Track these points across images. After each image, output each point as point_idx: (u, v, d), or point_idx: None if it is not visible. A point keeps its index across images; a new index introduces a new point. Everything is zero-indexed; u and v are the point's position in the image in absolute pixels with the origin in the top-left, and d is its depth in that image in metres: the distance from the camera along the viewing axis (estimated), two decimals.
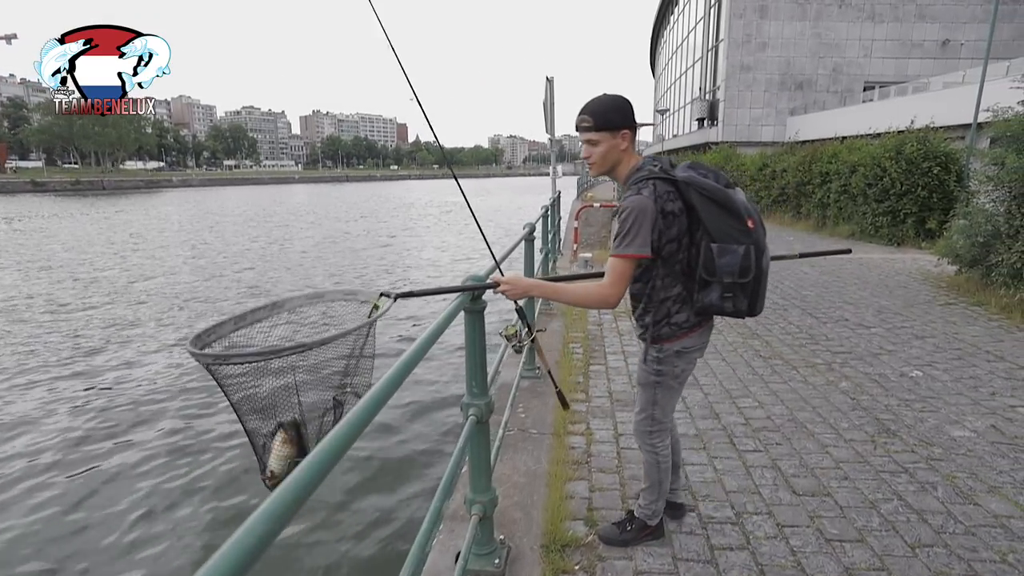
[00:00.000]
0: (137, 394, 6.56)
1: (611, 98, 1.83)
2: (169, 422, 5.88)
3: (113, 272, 14.11)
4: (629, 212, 1.73)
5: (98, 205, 38.96)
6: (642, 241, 1.72)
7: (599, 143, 1.83)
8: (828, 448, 2.95)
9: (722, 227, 1.73)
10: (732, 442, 3.04)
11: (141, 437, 5.57)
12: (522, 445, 3.08)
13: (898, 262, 9.09)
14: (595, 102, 1.82)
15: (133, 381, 6.96)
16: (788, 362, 4.33)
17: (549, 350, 4.72)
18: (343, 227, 25.58)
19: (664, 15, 43.19)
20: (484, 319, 1.94)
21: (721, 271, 1.72)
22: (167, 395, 6.52)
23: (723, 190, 1.75)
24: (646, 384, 2.05)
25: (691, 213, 1.77)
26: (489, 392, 2.02)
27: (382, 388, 1.05)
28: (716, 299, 1.77)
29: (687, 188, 1.76)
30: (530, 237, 3.82)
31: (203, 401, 6.29)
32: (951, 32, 27.19)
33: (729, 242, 1.73)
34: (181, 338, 8.55)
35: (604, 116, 1.80)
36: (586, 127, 1.82)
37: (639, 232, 1.72)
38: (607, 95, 1.84)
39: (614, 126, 1.81)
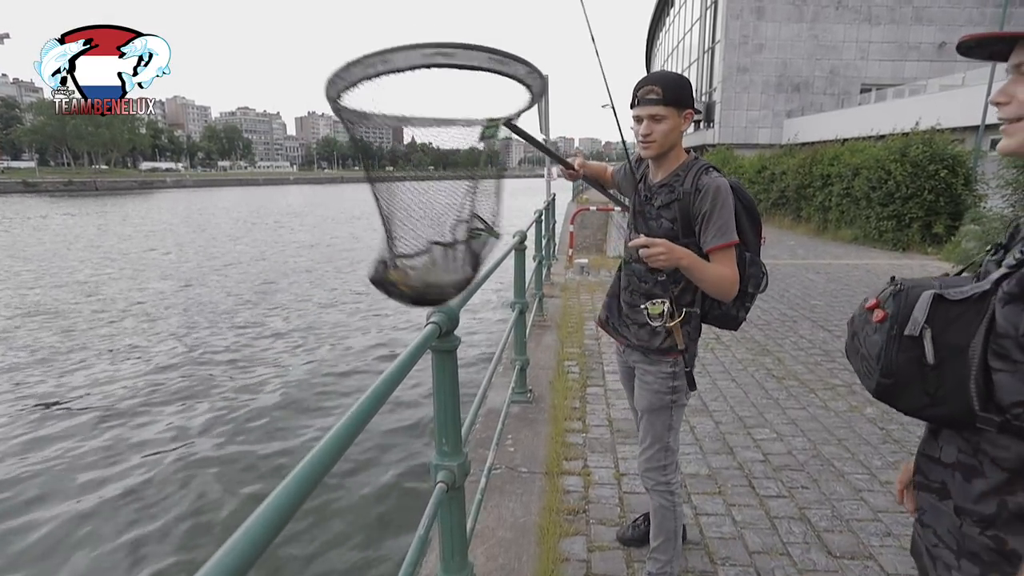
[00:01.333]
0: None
1: (677, 74, 1.63)
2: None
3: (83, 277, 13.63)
4: (721, 194, 1.58)
5: (87, 206, 38.34)
6: (733, 226, 1.61)
7: (664, 119, 1.58)
8: (862, 493, 2.56)
9: (751, 238, 1.72)
10: (751, 484, 2.65)
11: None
12: (510, 488, 2.68)
13: (906, 268, 8.74)
14: (662, 74, 1.60)
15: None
16: (804, 383, 3.95)
17: (542, 367, 4.33)
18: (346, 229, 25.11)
19: (660, 16, 42.95)
20: (456, 361, 1.54)
21: (748, 281, 1.68)
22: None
23: (753, 201, 1.75)
24: (659, 409, 1.77)
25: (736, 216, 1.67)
26: (464, 449, 1.62)
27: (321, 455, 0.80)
28: (730, 308, 1.73)
29: (734, 191, 1.67)
30: (520, 247, 3.42)
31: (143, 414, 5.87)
32: (947, 34, 27.02)
33: (754, 252, 1.72)
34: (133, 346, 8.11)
35: (675, 90, 1.57)
36: (653, 99, 1.57)
37: (731, 215, 1.60)
38: (676, 74, 1.63)
39: (683, 104, 1.59)
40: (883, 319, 0.87)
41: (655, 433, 1.80)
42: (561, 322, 5.55)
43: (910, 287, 0.86)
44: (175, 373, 7.16)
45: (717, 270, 1.59)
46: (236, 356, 7.87)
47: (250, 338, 8.67)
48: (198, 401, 6.35)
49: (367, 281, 1.04)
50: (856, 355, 0.96)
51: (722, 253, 1.60)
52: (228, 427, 5.70)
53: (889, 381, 0.86)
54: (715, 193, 1.57)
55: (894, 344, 0.84)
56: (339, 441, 0.86)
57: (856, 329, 0.96)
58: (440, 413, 1.54)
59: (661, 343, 1.72)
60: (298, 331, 9.07)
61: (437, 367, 1.52)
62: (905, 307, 0.84)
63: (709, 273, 1.58)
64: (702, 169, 1.63)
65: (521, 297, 3.46)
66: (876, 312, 0.88)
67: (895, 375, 0.85)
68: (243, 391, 6.64)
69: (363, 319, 9.83)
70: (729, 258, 1.60)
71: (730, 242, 1.59)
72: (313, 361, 7.73)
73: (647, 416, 1.80)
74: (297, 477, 0.73)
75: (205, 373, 7.21)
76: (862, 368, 0.94)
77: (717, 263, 1.60)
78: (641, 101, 1.58)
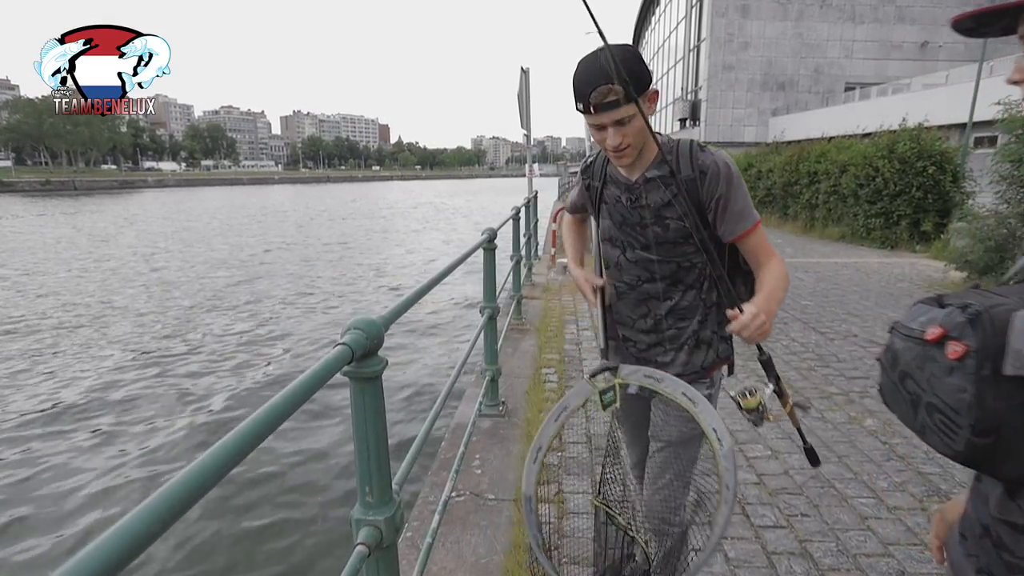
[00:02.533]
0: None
1: (629, 48, 1.21)
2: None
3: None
4: (731, 170, 1.31)
5: (62, 207, 37.34)
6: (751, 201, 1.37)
7: (634, 117, 1.21)
8: (869, 521, 2.28)
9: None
10: (745, 512, 2.35)
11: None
12: (473, 519, 2.36)
13: (896, 267, 8.56)
14: (621, 54, 1.15)
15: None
16: (799, 392, 3.67)
17: (518, 376, 4.02)
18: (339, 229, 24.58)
19: (646, 15, 42.88)
20: (380, 389, 1.22)
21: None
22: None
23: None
24: (691, 439, 1.45)
25: None
26: (397, 497, 1.30)
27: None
28: (744, 293, 1.42)
29: None
30: (489, 246, 3.10)
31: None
32: (929, 34, 27.22)
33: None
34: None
35: (636, 78, 1.17)
36: (615, 102, 1.18)
37: (746, 190, 1.35)
38: (621, 47, 1.19)
39: (646, 83, 1.23)
40: (963, 355, 0.60)
41: (678, 468, 1.48)
42: (541, 325, 5.24)
43: (990, 308, 0.60)
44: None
45: (774, 273, 1.33)
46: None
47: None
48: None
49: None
50: (913, 406, 0.68)
51: (752, 238, 1.34)
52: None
53: (987, 440, 0.59)
54: (724, 171, 1.29)
55: (989, 389, 0.58)
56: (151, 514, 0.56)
57: (907, 369, 0.69)
58: (361, 454, 1.22)
59: (704, 359, 1.45)
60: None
61: (355, 397, 1.19)
62: (994, 336, 0.58)
63: (779, 283, 1.32)
64: (693, 147, 1.34)
65: (491, 301, 3.14)
66: (950, 346, 0.61)
67: (996, 431, 0.58)
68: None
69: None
70: (763, 240, 1.35)
71: (757, 222, 1.34)
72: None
73: (673, 449, 1.47)
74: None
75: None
76: (933, 423, 0.65)
77: (754, 252, 1.36)
78: (599, 107, 1.19)
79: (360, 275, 13.43)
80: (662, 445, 1.48)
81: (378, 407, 1.21)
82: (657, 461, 1.50)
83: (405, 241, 20.03)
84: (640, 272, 1.41)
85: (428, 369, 6.77)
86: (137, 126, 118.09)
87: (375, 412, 1.21)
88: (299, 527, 3.84)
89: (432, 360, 7.11)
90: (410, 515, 2.39)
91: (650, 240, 1.36)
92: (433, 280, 1.79)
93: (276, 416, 0.84)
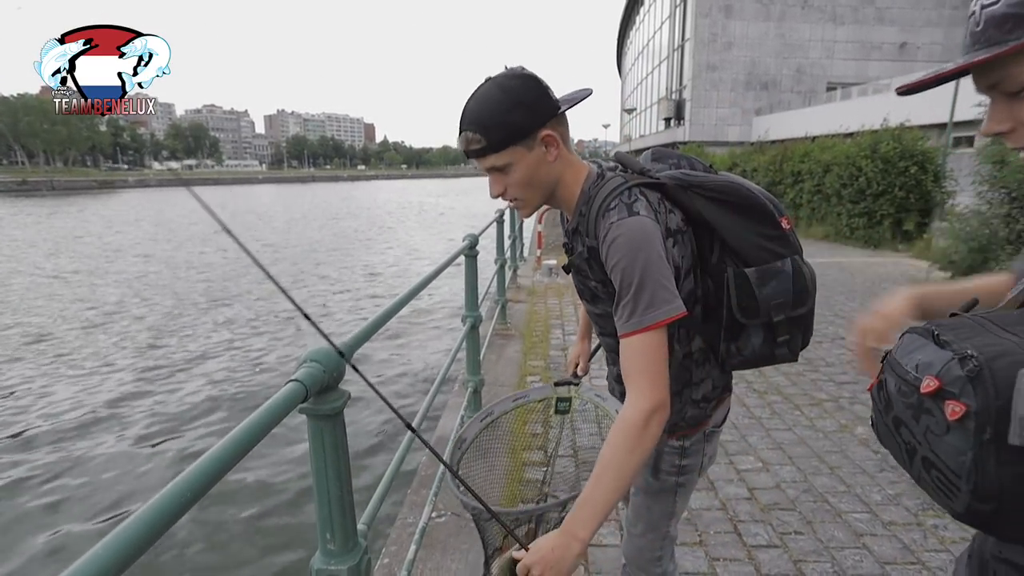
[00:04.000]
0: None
1: (504, 84, 0.99)
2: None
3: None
4: (630, 249, 0.96)
5: (40, 207, 36.46)
6: (668, 291, 0.97)
7: (511, 165, 1.01)
8: (864, 538, 2.21)
9: (750, 239, 1.07)
10: (737, 530, 2.27)
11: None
12: (454, 542, 2.24)
13: (879, 266, 8.60)
14: (481, 100, 0.99)
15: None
16: (788, 398, 3.61)
17: (502, 385, 3.91)
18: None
19: (630, 15, 43.00)
20: (343, 426, 1.10)
21: (767, 306, 1.06)
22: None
23: (736, 184, 1.09)
24: (660, 492, 1.28)
25: (698, 227, 1.09)
26: (363, 542, 1.19)
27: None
28: (761, 346, 1.11)
29: (684, 192, 1.08)
30: (471, 252, 2.99)
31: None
32: (908, 35, 27.62)
33: (767, 259, 1.07)
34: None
35: (503, 123, 0.98)
36: (478, 150, 1.00)
37: (658, 276, 0.96)
38: (492, 85, 0.99)
39: (523, 131, 0.99)
40: (961, 416, 0.54)
41: (650, 520, 1.31)
42: (526, 330, 5.13)
43: (991, 361, 0.53)
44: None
45: (618, 463, 0.93)
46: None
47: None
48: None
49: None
50: (909, 455, 0.62)
51: (631, 345, 0.97)
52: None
53: (988, 507, 0.54)
54: (614, 252, 0.98)
55: (990, 456, 0.53)
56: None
57: (902, 416, 0.63)
58: (321, 497, 1.10)
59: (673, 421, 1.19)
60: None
61: (313, 436, 1.07)
62: (996, 398, 0.52)
63: (616, 484, 0.92)
64: (603, 206, 1.01)
65: (473, 310, 3.02)
66: (948, 405, 0.55)
67: (998, 499, 0.53)
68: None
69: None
70: (641, 355, 0.96)
71: (647, 327, 0.95)
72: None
73: (643, 497, 1.31)
74: None
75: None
76: (930, 479, 0.59)
77: (624, 368, 0.99)
78: (468, 155, 1.03)
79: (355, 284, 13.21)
80: (634, 490, 1.35)
81: (339, 446, 1.09)
82: (633, 506, 1.36)
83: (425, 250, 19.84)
84: (596, 324, 1.23)
85: (405, 381, 6.54)
86: (117, 125, 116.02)
87: (335, 451, 1.09)
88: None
89: (407, 368, 6.90)
90: (387, 540, 2.28)
91: (589, 294, 1.17)
92: (404, 297, 1.67)
93: (216, 469, 0.73)
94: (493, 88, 0.99)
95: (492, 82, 1.00)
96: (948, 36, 27.15)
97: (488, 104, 0.98)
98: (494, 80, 1.00)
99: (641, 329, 0.96)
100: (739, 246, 1.06)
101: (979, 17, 0.60)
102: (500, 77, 1.00)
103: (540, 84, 1.00)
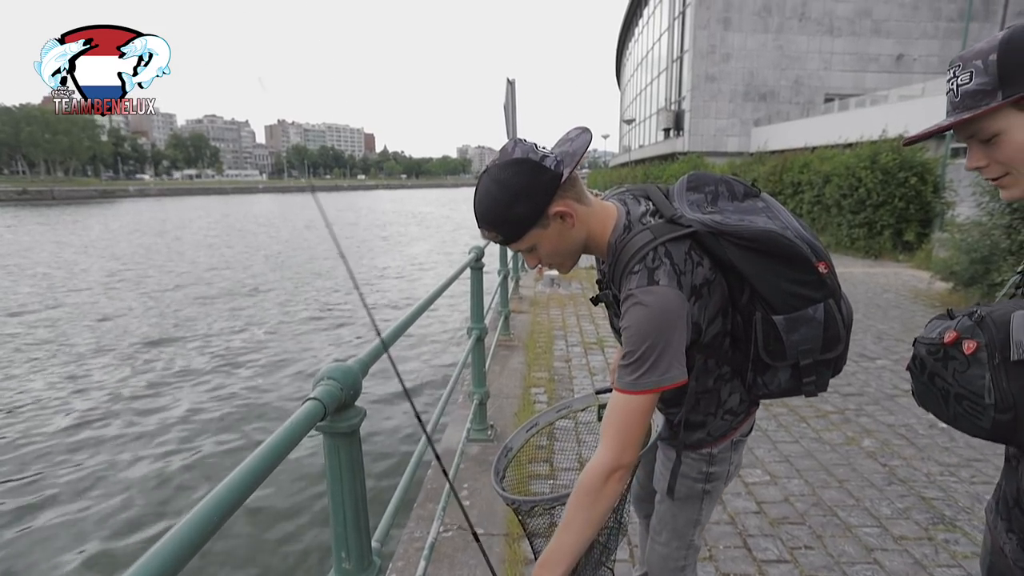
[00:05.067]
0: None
1: (500, 178, 1.01)
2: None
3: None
4: (642, 321, 0.98)
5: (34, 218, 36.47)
6: (673, 364, 0.98)
7: (537, 244, 1.07)
8: (875, 553, 2.19)
9: (781, 287, 1.05)
10: (746, 544, 2.25)
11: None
12: (461, 558, 2.23)
13: (880, 276, 8.61)
14: (485, 199, 1.02)
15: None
16: (793, 410, 3.60)
17: (506, 396, 3.90)
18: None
19: (629, 26, 43.37)
20: (359, 444, 1.10)
21: (794, 351, 1.08)
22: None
23: (773, 235, 1.05)
24: (688, 499, 1.28)
25: (727, 271, 1.08)
26: (377, 560, 1.18)
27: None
28: (788, 381, 1.15)
29: (715, 240, 1.05)
30: (476, 264, 2.99)
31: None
32: (904, 47, 27.85)
33: (798, 306, 1.06)
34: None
35: (509, 220, 1.02)
36: (503, 242, 1.08)
37: (666, 350, 0.97)
38: (489, 181, 1.02)
39: (531, 219, 1.02)
40: (975, 350, 0.75)
41: (675, 528, 1.32)
42: (529, 341, 5.12)
43: (990, 312, 0.76)
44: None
45: (576, 492, 1.01)
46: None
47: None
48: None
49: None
50: (944, 399, 0.81)
51: (619, 401, 1.01)
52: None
53: (1008, 416, 0.73)
54: (629, 316, 1.00)
55: (1001, 374, 0.73)
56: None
57: (934, 370, 0.82)
58: (337, 516, 1.09)
59: (694, 437, 1.24)
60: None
61: (329, 454, 1.07)
62: (998, 332, 0.73)
63: (572, 516, 1.02)
64: (629, 264, 1.03)
65: (479, 322, 3.02)
66: (965, 344, 0.76)
67: (1014, 407, 0.73)
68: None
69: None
70: (623, 412, 1.00)
71: (641, 391, 0.98)
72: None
73: (668, 504, 1.31)
74: None
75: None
76: (962, 409, 0.78)
77: (604, 420, 1.04)
78: (496, 243, 1.16)
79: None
80: (660, 497, 1.36)
81: (355, 464, 1.09)
82: (658, 514, 1.37)
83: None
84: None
85: (412, 391, 6.57)
86: (118, 135, 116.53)
87: (352, 469, 1.09)
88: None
89: (412, 380, 6.88)
90: (394, 555, 2.26)
91: (617, 332, 1.20)
92: (416, 311, 1.67)
93: (241, 492, 0.73)
94: (491, 184, 1.01)
95: (488, 176, 1.02)
96: (944, 48, 27.37)
97: (490, 203, 1.01)
98: (489, 174, 1.02)
99: (631, 391, 0.99)
100: (769, 294, 1.06)
101: (956, 92, 0.79)
102: (494, 169, 1.01)
103: (533, 165, 0.99)
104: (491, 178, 1.01)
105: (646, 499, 1.60)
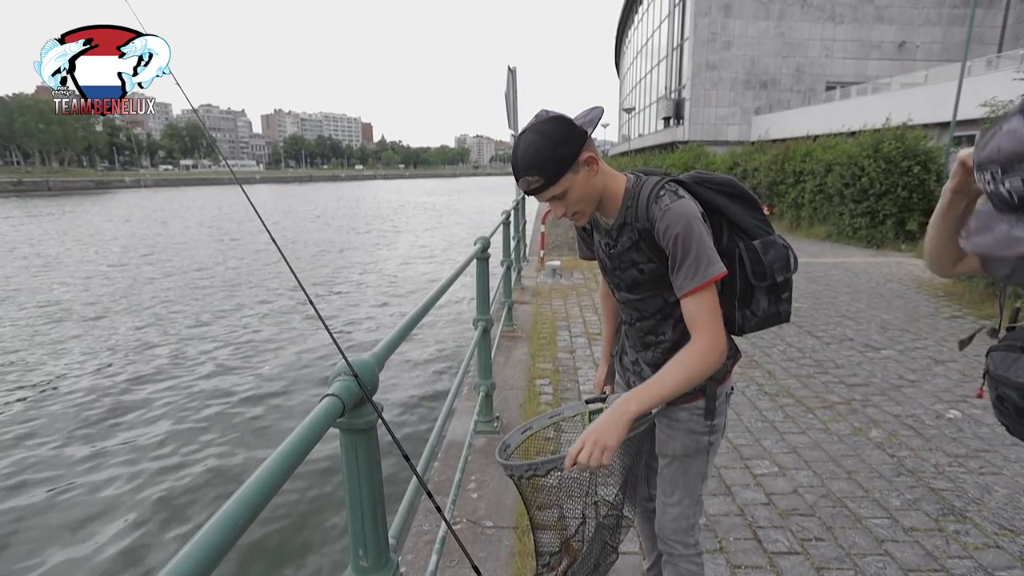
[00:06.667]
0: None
1: (542, 130, 1.19)
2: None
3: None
4: (687, 222, 1.21)
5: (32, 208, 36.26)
6: (714, 255, 1.24)
7: (567, 190, 1.25)
8: (886, 544, 2.18)
9: (750, 221, 1.36)
10: (756, 536, 2.25)
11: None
12: (471, 550, 2.22)
13: (883, 266, 8.59)
14: (529, 149, 1.20)
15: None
16: (800, 401, 3.59)
17: (512, 388, 3.89)
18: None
19: (629, 14, 42.94)
20: (376, 441, 1.07)
21: (772, 268, 1.32)
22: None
23: (733, 180, 1.39)
24: (696, 453, 1.42)
25: (710, 215, 1.34)
26: (394, 556, 1.16)
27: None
28: (768, 306, 1.36)
29: (700, 187, 1.35)
30: (483, 255, 2.96)
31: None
32: (907, 34, 27.63)
33: (764, 234, 1.35)
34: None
35: (552, 160, 1.19)
36: (540, 187, 1.22)
37: (705, 243, 1.22)
38: (531, 133, 1.20)
39: (568, 161, 1.20)
40: None
41: (687, 484, 1.43)
42: (532, 332, 5.11)
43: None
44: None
45: (679, 375, 1.20)
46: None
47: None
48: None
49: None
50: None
51: (689, 304, 1.24)
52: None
53: None
54: (672, 226, 1.22)
55: None
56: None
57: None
58: (354, 514, 1.07)
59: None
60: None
61: (347, 451, 1.05)
62: None
63: (672, 387, 1.21)
64: (651, 195, 1.27)
65: (485, 313, 3.00)
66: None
67: None
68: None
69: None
70: (702, 308, 1.23)
71: (704, 283, 1.21)
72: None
73: (678, 464, 1.43)
74: None
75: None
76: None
77: (687, 321, 1.25)
78: (530, 193, 1.25)
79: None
80: (668, 460, 1.45)
81: (373, 461, 1.07)
82: (666, 478, 1.46)
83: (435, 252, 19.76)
84: (631, 312, 1.44)
85: (416, 381, 6.54)
86: (113, 125, 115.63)
87: (369, 466, 1.06)
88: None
89: (412, 374, 6.83)
90: (403, 548, 2.25)
91: (631, 282, 1.37)
92: (427, 303, 1.64)
93: (266, 492, 0.71)
94: (534, 136, 1.19)
95: (530, 131, 1.20)
96: (947, 35, 27.17)
97: (535, 150, 1.19)
98: (531, 129, 1.20)
99: (704, 284, 1.20)
100: (744, 224, 1.33)
101: (1012, 196, 0.70)
102: (536, 124, 1.20)
103: (567, 120, 1.19)
104: (534, 132, 1.19)
105: (647, 498, 1.70)
